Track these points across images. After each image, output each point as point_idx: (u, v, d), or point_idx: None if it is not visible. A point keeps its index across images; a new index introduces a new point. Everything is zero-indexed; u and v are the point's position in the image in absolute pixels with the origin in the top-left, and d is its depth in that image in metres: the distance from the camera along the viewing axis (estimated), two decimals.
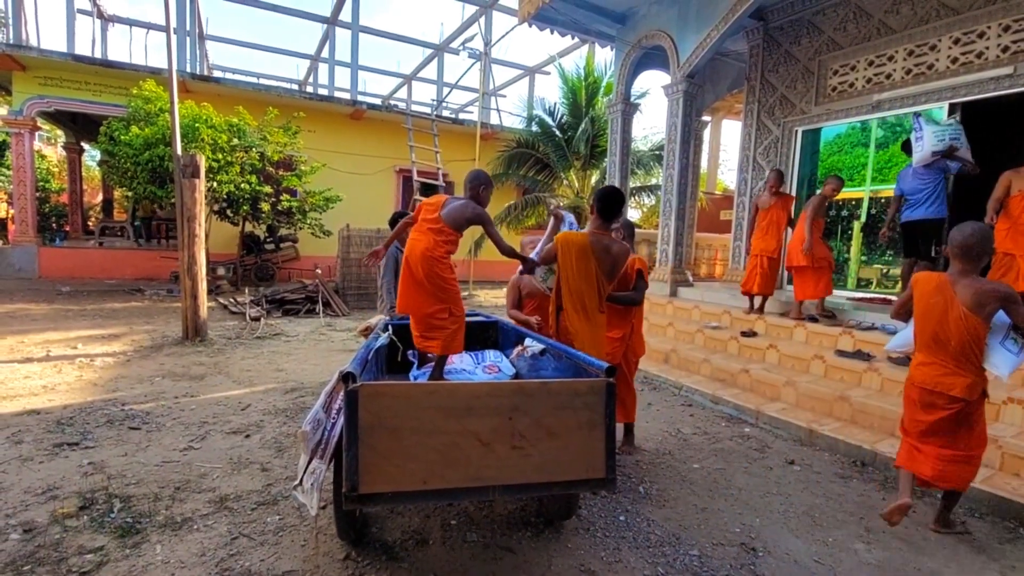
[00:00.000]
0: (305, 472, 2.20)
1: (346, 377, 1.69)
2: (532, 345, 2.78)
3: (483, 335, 3.73)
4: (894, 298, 6.42)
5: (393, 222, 4.69)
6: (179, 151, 6.23)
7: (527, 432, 1.78)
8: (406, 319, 3.12)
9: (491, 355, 3.35)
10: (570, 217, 3.37)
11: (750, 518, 2.91)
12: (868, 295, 6.81)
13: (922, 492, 3.29)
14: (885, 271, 10.65)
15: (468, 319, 3.97)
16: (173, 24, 7.36)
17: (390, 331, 2.91)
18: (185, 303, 6.33)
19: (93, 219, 17.36)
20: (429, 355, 3.07)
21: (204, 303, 6.45)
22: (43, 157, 20.91)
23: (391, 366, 3.06)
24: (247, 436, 3.72)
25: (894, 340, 3.22)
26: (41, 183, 18.39)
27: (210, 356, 5.85)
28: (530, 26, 8.54)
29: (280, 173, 11.25)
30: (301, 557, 2.38)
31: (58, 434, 3.60)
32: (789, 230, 5.87)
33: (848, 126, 7.27)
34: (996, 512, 3.04)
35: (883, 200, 8.04)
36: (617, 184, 8.50)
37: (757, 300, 5.97)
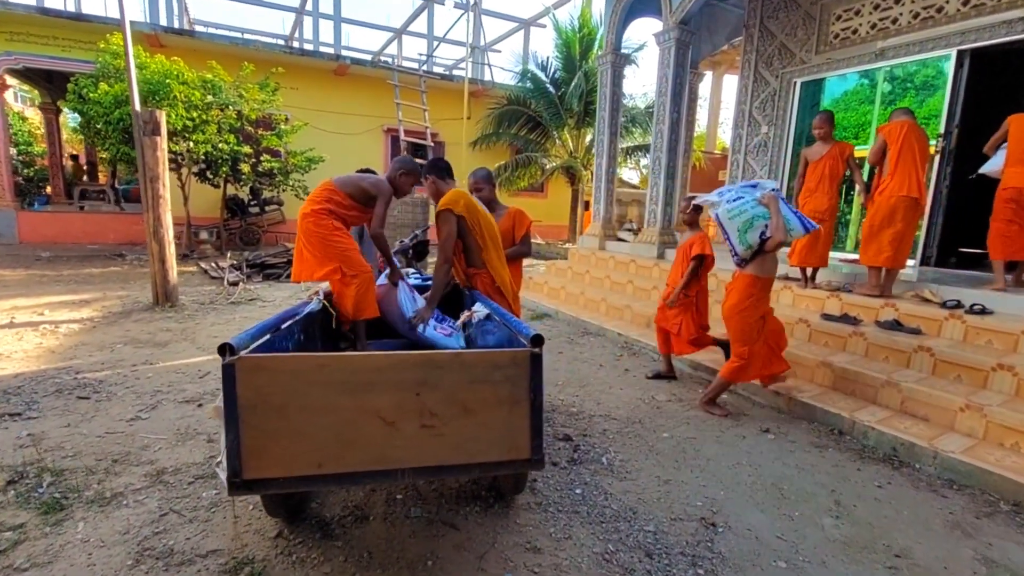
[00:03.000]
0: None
1: (223, 349, 1.49)
2: (479, 310, 2.57)
3: (459, 300, 3.51)
4: None
5: None
6: (138, 107, 5.88)
7: (438, 409, 1.59)
8: None
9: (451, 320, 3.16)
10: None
11: (715, 490, 2.77)
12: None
13: (897, 461, 3.16)
14: None
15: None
16: None
17: (321, 295, 2.69)
18: (153, 268, 6.12)
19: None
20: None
21: (173, 267, 6.24)
22: (24, 119, 20.32)
23: (332, 335, 2.86)
24: (199, 405, 3.57)
25: (987, 165, 4.23)
26: (24, 146, 17.88)
27: (179, 322, 5.68)
28: None
29: (260, 132, 10.85)
30: (230, 535, 2.25)
31: (2, 404, 3.45)
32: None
33: (857, 82, 6.84)
34: (976, 484, 2.89)
35: None
36: (606, 142, 8.14)
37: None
